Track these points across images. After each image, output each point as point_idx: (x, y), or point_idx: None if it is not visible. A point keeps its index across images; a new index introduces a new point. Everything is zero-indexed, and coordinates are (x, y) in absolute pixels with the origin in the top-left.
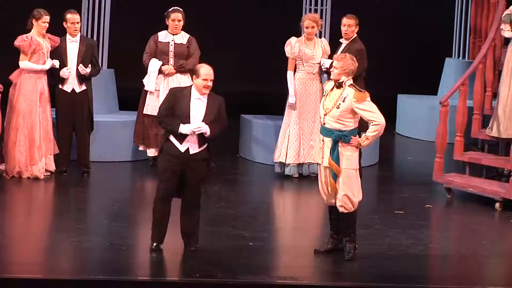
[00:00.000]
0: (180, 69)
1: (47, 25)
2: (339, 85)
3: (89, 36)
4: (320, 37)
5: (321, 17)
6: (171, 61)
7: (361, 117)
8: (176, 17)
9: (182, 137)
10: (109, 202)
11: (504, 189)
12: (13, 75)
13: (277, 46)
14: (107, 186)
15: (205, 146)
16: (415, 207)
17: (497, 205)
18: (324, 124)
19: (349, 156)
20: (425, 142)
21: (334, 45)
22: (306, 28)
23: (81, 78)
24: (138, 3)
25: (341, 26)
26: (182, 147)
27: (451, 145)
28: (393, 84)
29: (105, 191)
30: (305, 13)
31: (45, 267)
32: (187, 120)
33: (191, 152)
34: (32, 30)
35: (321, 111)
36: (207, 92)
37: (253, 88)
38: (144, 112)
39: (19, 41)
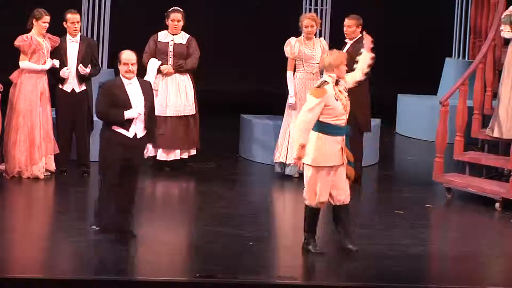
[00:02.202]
0: (179, 69)
1: (47, 25)
2: (336, 82)
3: (89, 36)
4: (320, 37)
5: (321, 17)
6: (170, 60)
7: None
8: (175, 17)
9: (128, 124)
10: None
11: (504, 189)
12: (13, 75)
13: (277, 46)
14: None
15: (145, 130)
16: (415, 207)
17: (497, 205)
18: (345, 123)
19: None
20: (425, 142)
21: (334, 45)
22: (306, 27)
23: (81, 78)
24: (138, 3)
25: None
26: (130, 133)
27: (451, 145)
28: (393, 84)
29: None
30: (305, 13)
31: (45, 267)
32: (129, 105)
33: (138, 136)
34: (32, 30)
35: (342, 112)
36: (131, 76)
37: (253, 88)
38: None
39: (19, 41)
